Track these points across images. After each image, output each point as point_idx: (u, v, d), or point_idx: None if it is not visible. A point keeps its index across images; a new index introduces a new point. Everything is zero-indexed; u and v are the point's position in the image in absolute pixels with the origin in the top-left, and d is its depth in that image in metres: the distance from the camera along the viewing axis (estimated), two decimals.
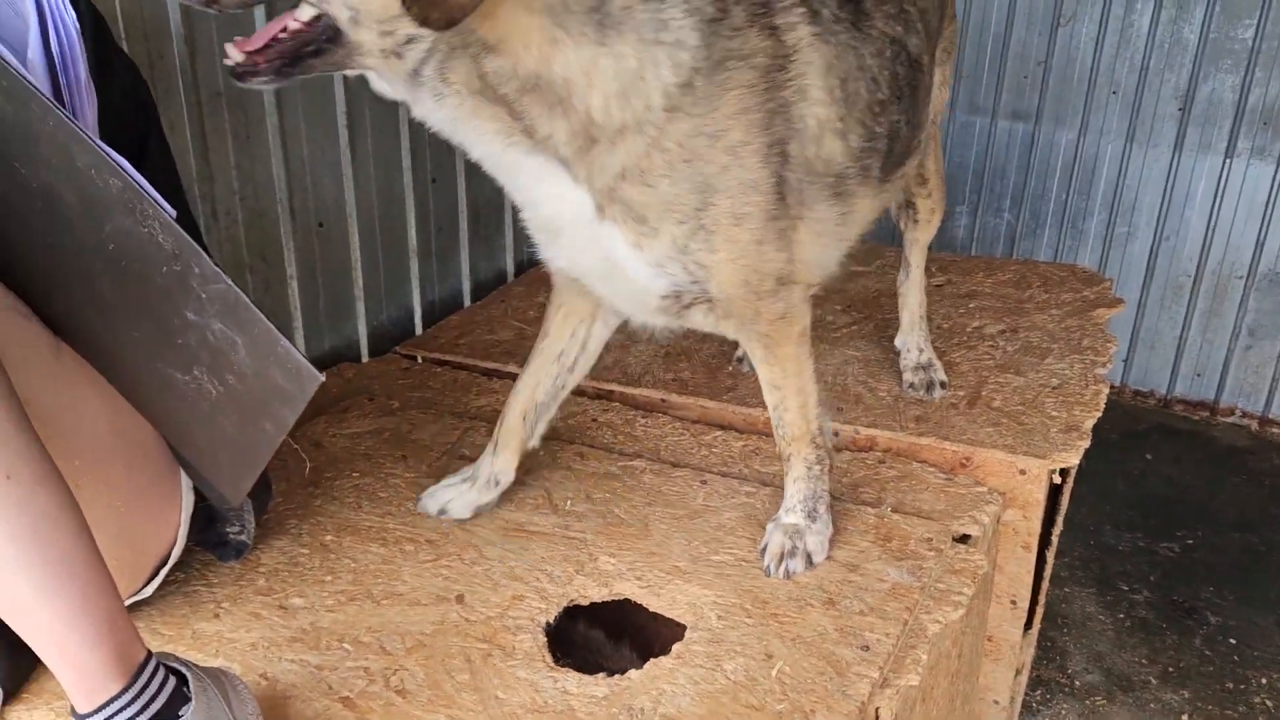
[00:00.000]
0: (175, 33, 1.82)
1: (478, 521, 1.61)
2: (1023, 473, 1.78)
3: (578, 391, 2.08)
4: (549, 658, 1.33)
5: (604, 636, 1.66)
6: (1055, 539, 2.18)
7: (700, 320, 1.44)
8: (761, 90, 1.28)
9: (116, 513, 1.27)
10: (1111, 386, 4.18)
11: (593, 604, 1.47)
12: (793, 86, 1.30)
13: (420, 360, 2.28)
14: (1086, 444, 1.84)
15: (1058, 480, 1.81)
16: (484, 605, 1.42)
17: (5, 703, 1.25)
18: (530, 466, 1.76)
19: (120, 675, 1.02)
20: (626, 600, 1.47)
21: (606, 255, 1.34)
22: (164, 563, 1.38)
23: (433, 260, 2.53)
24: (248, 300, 1.04)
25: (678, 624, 1.40)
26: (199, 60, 1.87)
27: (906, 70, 1.51)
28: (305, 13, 1.13)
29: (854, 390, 2.03)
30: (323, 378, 1.06)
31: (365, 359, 2.36)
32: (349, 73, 1.23)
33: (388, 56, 1.16)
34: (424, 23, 1.08)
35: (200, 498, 1.41)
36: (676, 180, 1.26)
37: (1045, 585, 2.21)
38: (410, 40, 1.15)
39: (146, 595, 1.40)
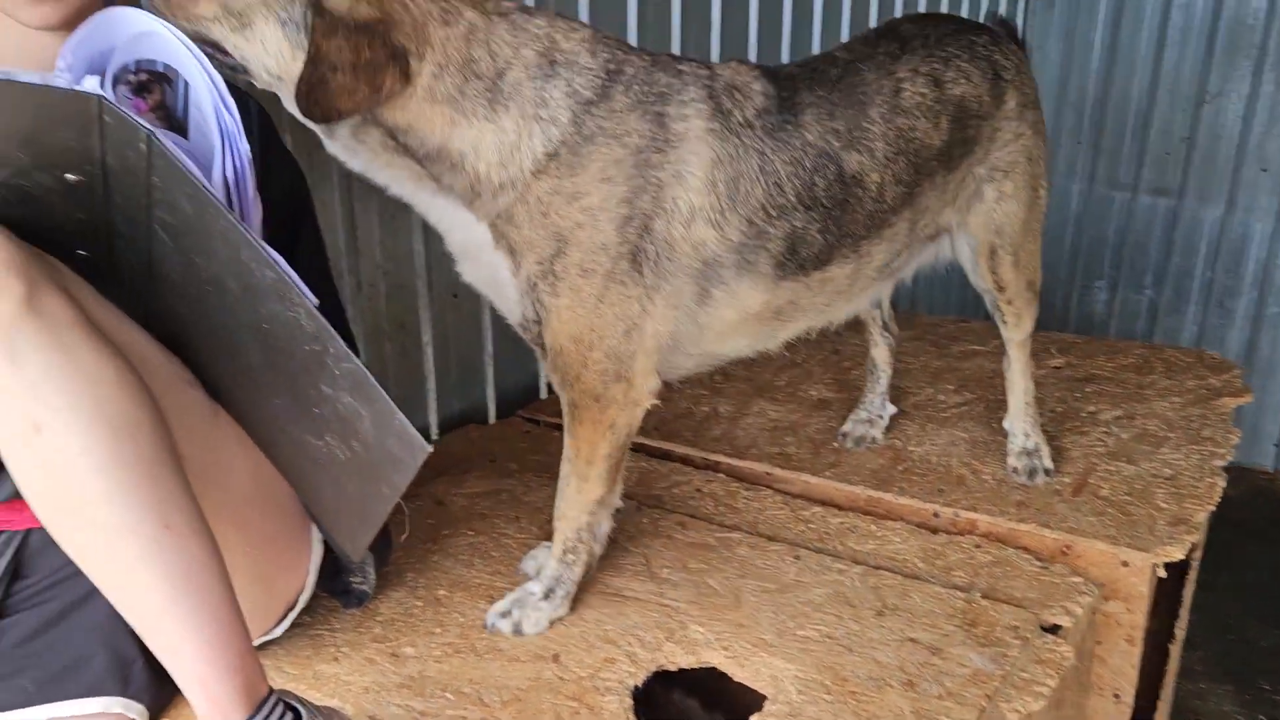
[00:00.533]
0: None
1: (579, 584, 1.70)
2: (1125, 565, 1.77)
3: (685, 460, 2.18)
4: (632, 718, 1.41)
5: (699, 706, 1.73)
6: (1180, 631, 2.14)
7: (542, 357, 1.59)
8: (629, 165, 1.44)
9: (254, 559, 1.42)
10: (1263, 472, 4.03)
11: (682, 670, 1.54)
12: (669, 169, 1.46)
13: (540, 424, 2.41)
14: (1195, 538, 1.82)
15: (1162, 574, 1.78)
16: (577, 665, 1.51)
17: None
18: (633, 533, 1.86)
19: (246, 706, 1.15)
20: (713, 669, 1.53)
21: (495, 277, 1.53)
22: (293, 607, 1.53)
23: None
24: (372, 378, 1.17)
25: (761, 695, 1.46)
26: None
27: (830, 183, 1.57)
28: (310, 117, 1.34)
29: (957, 472, 2.05)
30: (430, 448, 1.17)
31: (492, 421, 2.51)
32: None
33: (289, 98, 1.35)
34: (306, 114, 1.30)
35: (328, 549, 1.55)
36: (535, 227, 1.45)
37: (1169, 680, 2.16)
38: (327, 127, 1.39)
39: (276, 635, 1.54)
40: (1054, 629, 1.58)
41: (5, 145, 1.05)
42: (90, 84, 1.05)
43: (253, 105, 1.60)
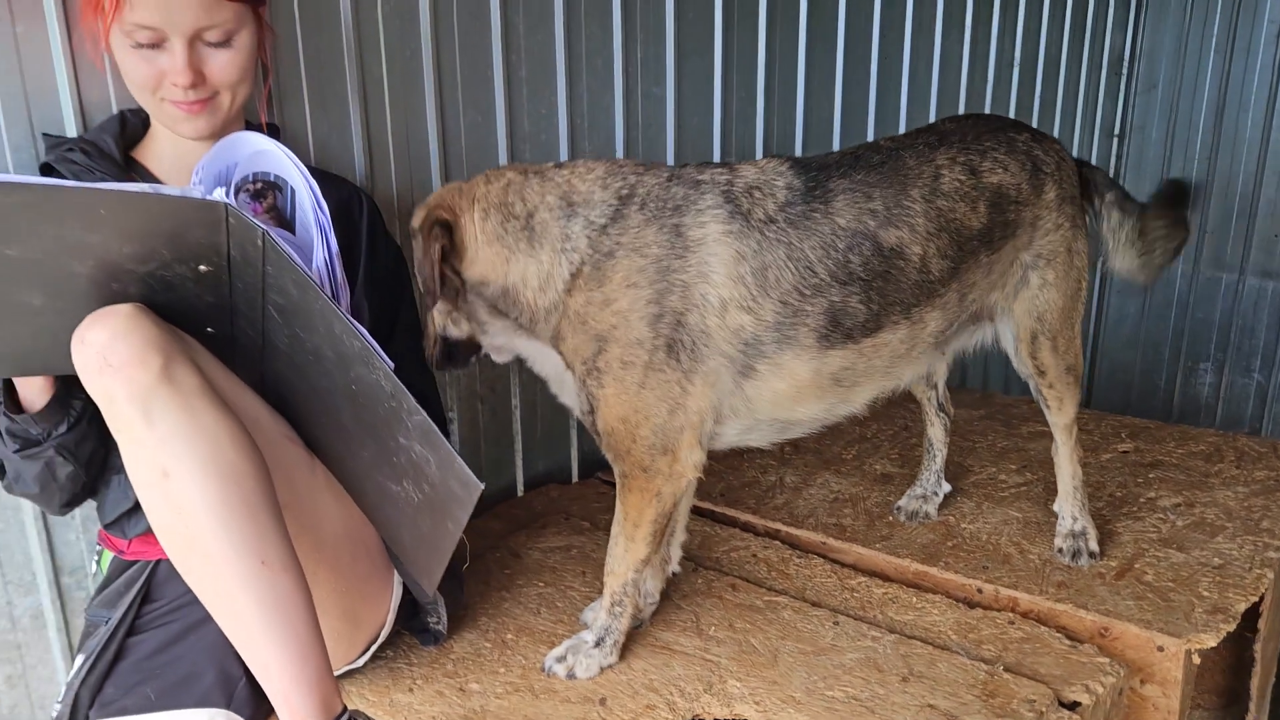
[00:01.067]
0: None
1: (631, 638, 1.86)
2: (1160, 649, 1.83)
3: (747, 527, 2.32)
4: None
5: None
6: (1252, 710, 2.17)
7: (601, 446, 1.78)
8: (651, 271, 1.65)
9: (343, 596, 1.63)
10: None
11: None
12: (692, 271, 1.65)
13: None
14: (1231, 628, 1.86)
15: (1197, 660, 1.84)
16: (621, 709, 1.67)
17: None
18: (687, 592, 2.01)
19: (322, 718, 1.35)
20: None
21: (567, 388, 1.79)
22: (375, 640, 1.73)
23: None
24: (436, 428, 1.36)
25: None
26: None
27: (867, 259, 1.72)
28: (452, 332, 1.81)
29: (1004, 550, 2.14)
30: (483, 485, 1.34)
31: (574, 481, 2.70)
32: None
33: (454, 329, 1.81)
34: (431, 303, 1.71)
35: (407, 591, 1.76)
36: (577, 335, 1.68)
37: None
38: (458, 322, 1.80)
39: (359, 665, 1.75)
40: (1073, 705, 1.67)
41: (154, 243, 1.29)
42: (218, 194, 1.29)
43: (365, 200, 1.86)
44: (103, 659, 1.61)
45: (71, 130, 1.71)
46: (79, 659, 1.65)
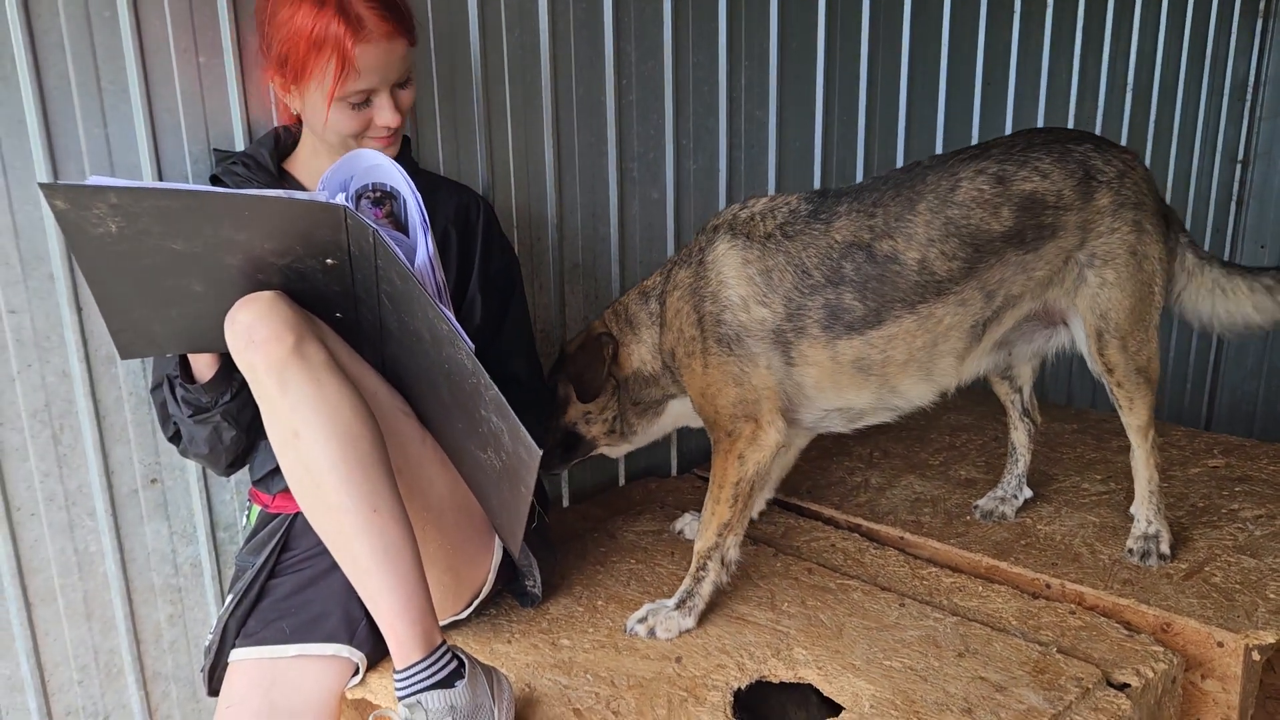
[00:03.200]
0: (550, 223, 2.51)
1: (709, 608, 2.02)
2: (1220, 645, 1.90)
3: (829, 521, 2.47)
4: (729, 712, 1.72)
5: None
6: None
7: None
8: (689, 295, 2.06)
9: (448, 554, 1.85)
10: None
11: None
12: (713, 282, 2.02)
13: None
14: None
15: (1258, 657, 1.89)
16: (694, 667, 1.84)
17: (369, 669, 1.86)
18: (765, 574, 2.17)
19: (423, 648, 1.56)
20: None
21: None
22: (477, 595, 1.95)
23: None
24: (505, 401, 1.54)
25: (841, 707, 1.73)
26: (565, 244, 2.56)
27: (859, 264, 1.97)
28: (584, 400, 2.27)
29: (1076, 549, 2.23)
30: (540, 451, 1.53)
31: (673, 475, 2.89)
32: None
33: (601, 434, 2.33)
34: (584, 401, 2.23)
35: (506, 555, 1.97)
36: (669, 355, 2.14)
37: None
38: (605, 422, 2.31)
39: (463, 617, 1.97)
40: (1122, 686, 1.76)
41: (288, 240, 1.51)
42: (340, 199, 1.50)
43: (483, 206, 2.10)
44: (247, 597, 1.87)
45: (240, 144, 2.01)
46: (229, 598, 1.92)
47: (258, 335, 1.50)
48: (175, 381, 1.79)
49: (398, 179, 1.64)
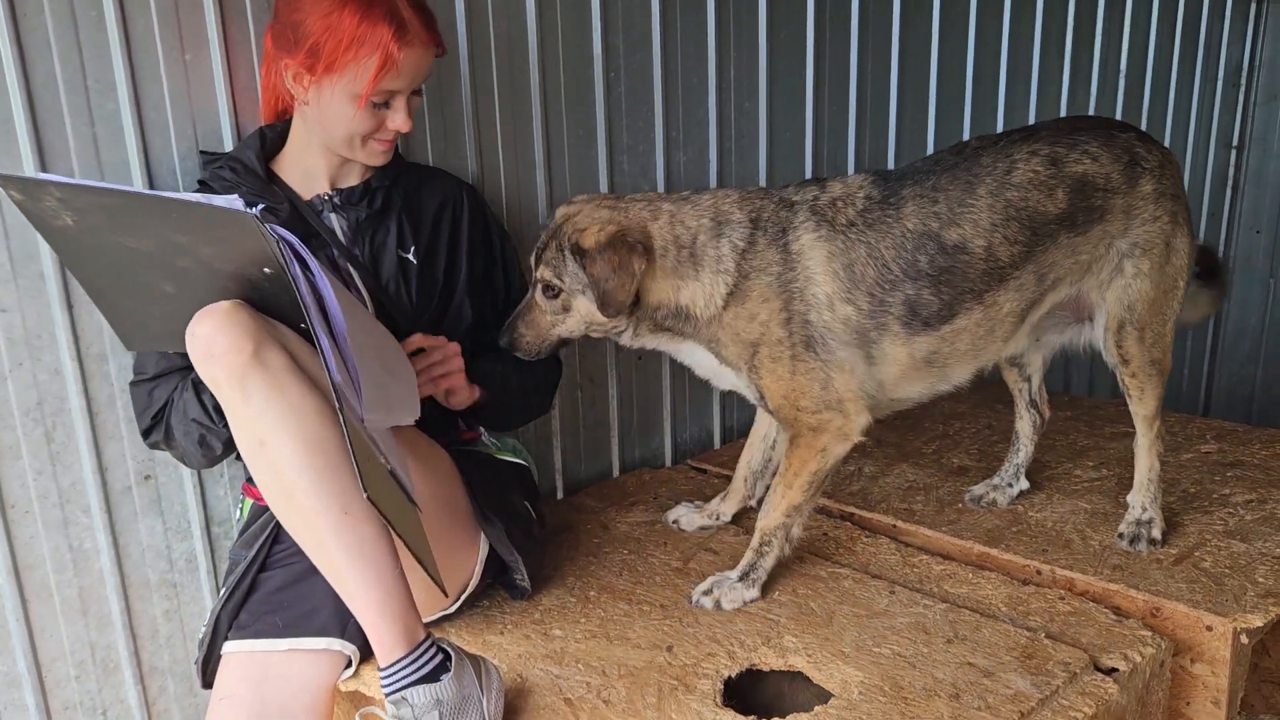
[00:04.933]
0: (540, 216, 2.52)
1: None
2: (1209, 629, 1.91)
3: (820, 510, 2.48)
4: (719, 700, 1.73)
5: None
6: None
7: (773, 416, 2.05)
8: (776, 286, 1.93)
9: (433, 548, 1.86)
10: None
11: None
12: (802, 277, 1.92)
13: (706, 472, 2.77)
14: None
15: (1245, 641, 1.90)
16: (685, 656, 1.85)
17: (362, 661, 1.87)
18: None
19: (406, 644, 1.56)
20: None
21: (730, 381, 2.07)
22: (464, 590, 1.96)
23: (732, 392, 3.04)
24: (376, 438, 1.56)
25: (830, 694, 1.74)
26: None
27: (932, 256, 1.93)
28: (563, 331, 2.02)
29: (1067, 536, 2.23)
30: (252, 212, 1.38)
31: (666, 466, 2.90)
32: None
33: (606, 335, 2.05)
34: (607, 315, 1.93)
35: (493, 550, 1.98)
36: (734, 343, 1.97)
37: None
38: (615, 327, 2.01)
39: (450, 612, 1.98)
40: (1110, 671, 1.77)
41: (222, 247, 1.43)
42: (256, 209, 1.43)
43: (466, 199, 2.12)
44: (239, 590, 1.88)
45: (228, 141, 2.02)
46: (222, 591, 1.93)
47: (217, 347, 1.49)
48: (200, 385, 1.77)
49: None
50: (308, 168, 1.95)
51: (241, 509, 2.07)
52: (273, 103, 1.98)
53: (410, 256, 2.02)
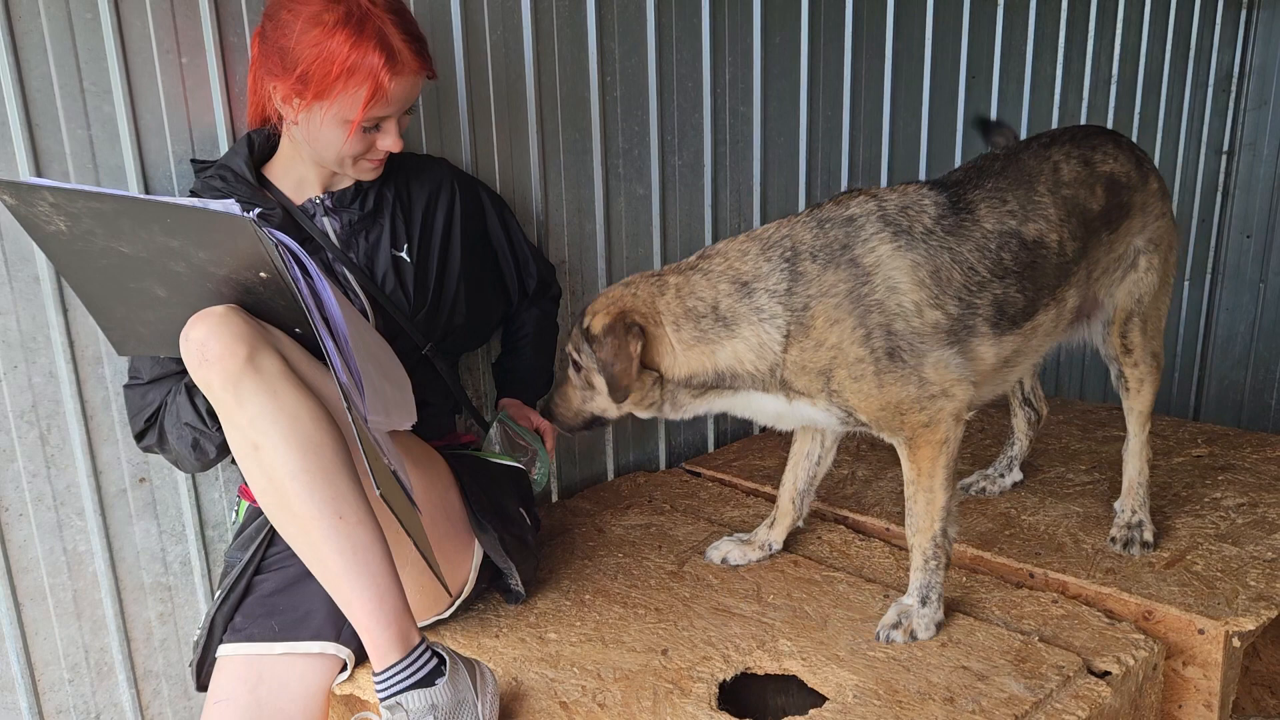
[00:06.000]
0: (536, 219, 2.52)
1: (696, 601, 2.05)
2: (1201, 632, 1.92)
3: (816, 514, 2.48)
4: (714, 703, 1.73)
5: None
6: None
7: (867, 429, 1.93)
8: (846, 305, 1.81)
9: None
10: None
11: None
12: (882, 289, 1.81)
13: (700, 475, 2.78)
14: (1274, 614, 1.93)
15: (1237, 644, 1.91)
16: (680, 659, 1.86)
17: (358, 664, 1.87)
18: (753, 566, 2.19)
19: (400, 649, 1.57)
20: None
21: (806, 416, 1.94)
22: (459, 595, 1.96)
23: None
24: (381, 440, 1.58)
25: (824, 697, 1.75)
26: (551, 241, 2.57)
27: (1016, 253, 1.90)
28: (598, 408, 2.01)
29: (1059, 540, 2.24)
30: (249, 216, 1.37)
31: (661, 469, 2.91)
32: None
33: (640, 411, 1.98)
34: (618, 401, 1.90)
35: (487, 558, 1.98)
36: (804, 376, 1.87)
37: None
38: (650, 404, 1.96)
39: (444, 617, 1.98)
40: (1103, 674, 1.77)
41: (217, 251, 1.44)
42: (254, 213, 1.45)
43: (456, 187, 2.14)
44: (234, 592, 1.88)
45: (224, 144, 2.02)
46: (217, 593, 1.93)
47: (210, 352, 1.49)
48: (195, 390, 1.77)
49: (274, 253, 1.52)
50: (300, 176, 1.96)
51: (237, 512, 2.07)
52: (259, 112, 1.96)
53: (404, 255, 2.02)
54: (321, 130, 1.83)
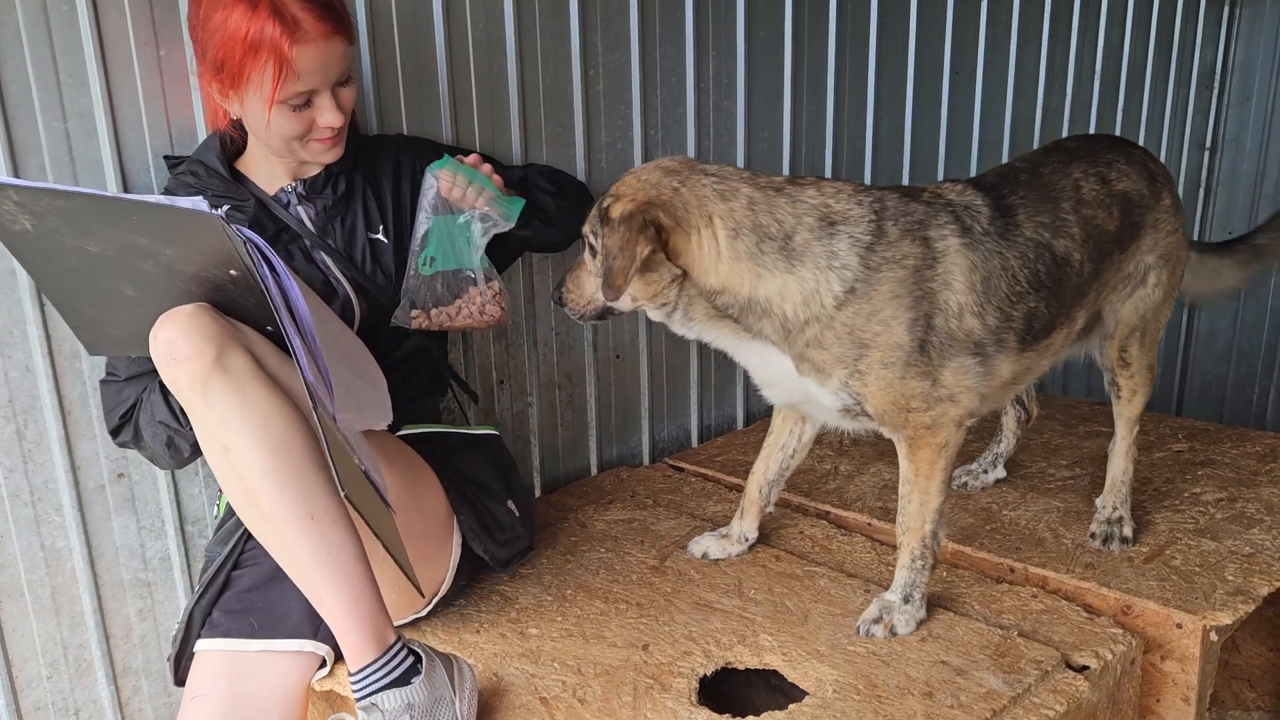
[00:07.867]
0: None
1: (677, 596, 2.05)
2: (1179, 626, 1.93)
3: (797, 509, 2.49)
4: (694, 699, 1.73)
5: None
6: None
7: (867, 423, 1.90)
8: (910, 282, 1.76)
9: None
10: None
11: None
12: (939, 279, 1.76)
13: (683, 470, 2.78)
14: (1251, 609, 1.94)
15: (1215, 639, 1.92)
16: (661, 655, 1.86)
17: (337, 660, 1.86)
18: (734, 560, 2.19)
19: (376, 648, 1.56)
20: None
21: (805, 392, 1.88)
22: (436, 594, 1.95)
23: (710, 391, 3.05)
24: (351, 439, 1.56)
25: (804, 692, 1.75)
26: None
27: (1049, 267, 1.87)
28: (607, 299, 1.77)
29: (1039, 535, 2.25)
30: (218, 214, 1.35)
31: (644, 464, 2.90)
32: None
33: (652, 310, 1.85)
34: (608, 298, 1.75)
35: (467, 548, 1.98)
36: (842, 344, 1.77)
37: None
38: (662, 305, 1.82)
39: (423, 614, 1.98)
40: (1082, 669, 1.78)
41: (185, 249, 1.42)
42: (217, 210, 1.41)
43: (404, 156, 2.11)
44: (213, 587, 1.87)
45: (202, 138, 2.00)
46: (196, 588, 1.92)
47: (178, 352, 1.47)
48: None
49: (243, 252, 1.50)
50: (270, 168, 1.95)
51: (218, 506, 2.06)
52: (213, 114, 1.93)
53: (381, 236, 2.01)
54: (255, 117, 1.81)
